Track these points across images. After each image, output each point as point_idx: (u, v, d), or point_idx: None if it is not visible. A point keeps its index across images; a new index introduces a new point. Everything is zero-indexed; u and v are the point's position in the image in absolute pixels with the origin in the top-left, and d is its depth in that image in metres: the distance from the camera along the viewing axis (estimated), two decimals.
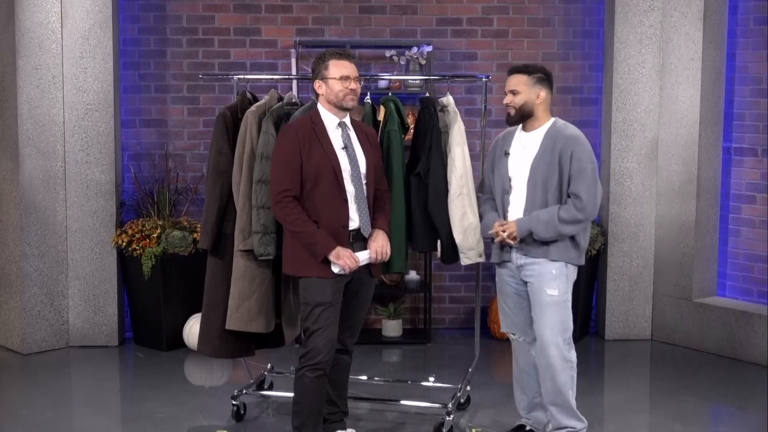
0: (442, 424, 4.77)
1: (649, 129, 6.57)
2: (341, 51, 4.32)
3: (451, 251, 5.05)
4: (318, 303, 4.18)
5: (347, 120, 4.34)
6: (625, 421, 5.11)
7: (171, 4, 6.69)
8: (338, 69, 4.24)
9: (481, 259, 5.06)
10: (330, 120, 4.29)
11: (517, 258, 4.40)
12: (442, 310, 6.98)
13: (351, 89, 4.24)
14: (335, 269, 4.16)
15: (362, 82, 4.45)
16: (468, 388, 5.24)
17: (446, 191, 5.00)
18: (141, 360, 6.22)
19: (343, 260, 4.12)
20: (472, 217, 4.99)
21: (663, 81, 6.53)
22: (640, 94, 6.54)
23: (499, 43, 6.85)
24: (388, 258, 4.35)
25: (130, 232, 6.26)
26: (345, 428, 4.54)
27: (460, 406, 5.16)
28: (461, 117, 5.09)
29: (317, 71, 4.29)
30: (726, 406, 5.52)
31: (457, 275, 6.92)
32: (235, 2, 6.73)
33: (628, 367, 6.20)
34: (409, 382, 5.51)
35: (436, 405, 5.01)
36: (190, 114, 6.78)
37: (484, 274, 6.80)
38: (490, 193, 4.56)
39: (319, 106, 4.33)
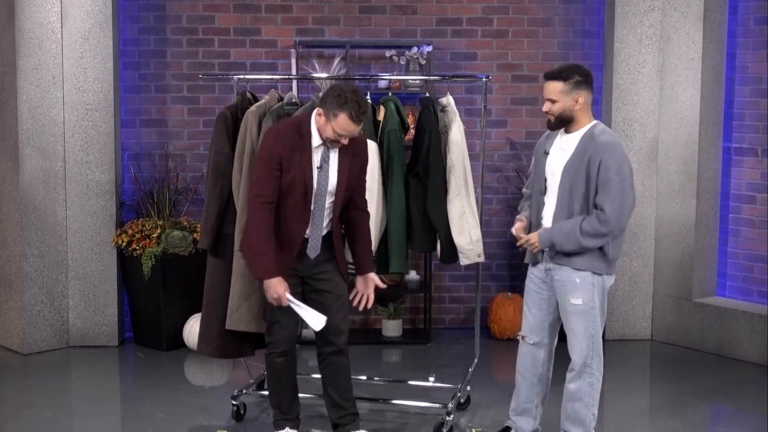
0: (442, 424, 4.77)
1: (649, 129, 6.57)
2: (359, 111, 4.12)
3: (450, 251, 5.05)
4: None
5: None
6: (625, 421, 5.12)
7: (171, 4, 6.69)
8: (344, 127, 4.14)
9: (480, 259, 5.05)
10: (316, 137, 4.26)
11: (546, 260, 4.33)
12: (442, 310, 6.98)
13: (342, 143, 4.21)
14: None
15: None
16: (468, 388, 5.24)
17: (445, 191, 5.00)
18: (141, 360, 6.22)
19: (271, 292, 4.21)
20: (471, 218, 4.99)
21: (663, 81, 6.53)
22: (640, 94, 6.54)
23: (499, 43, 6.85)
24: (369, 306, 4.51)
25: (130, 232, 6.27)
26: (358, 428, 4.53)
27: (460, 406, 5.16)
28: (461, 117, 5.09)
29: (329, 104, 4.13)
30: (726, 406, 5.52)
31: (457, 275, 6.92)
32: (235, 2, 6.73)
33: (628, 367, 6.20)
34: (409, 382, 5.51)
35: (436, 405, 5.01)
36: (190, 114, 6.78)
37: (484, 274, 6.80)
38: (531, 190, 4.48)
39: (312, 121, 4.26)
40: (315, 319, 4.26)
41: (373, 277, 4.50)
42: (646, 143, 6.57)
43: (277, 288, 4.18)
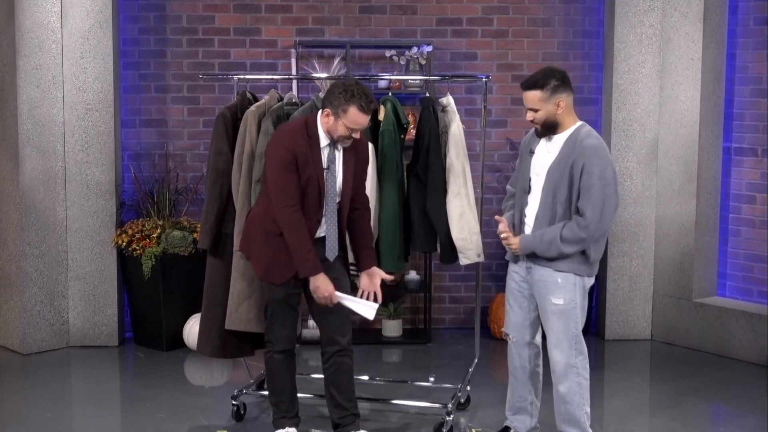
0: (442, 424, 4.77)
1: (649, 129, 6.57)
2: (368, 102, 4.15)
3: (450, 251, 5.05)
4: (270, 299, 4.39)
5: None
6: (624, 422, 5.12)
7: (171, 4, 6.69)
8: (356, 121, 4.16)
9: (480, 259, 5.05)
10: (323, 138, 4.28)
11: (526, 259, 4.33)
12: (442, 310, 6.98)
13: (354, 137, 4.24)
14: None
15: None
16: (468, 388, 5.24)
17: (444, 191, 5.00)
18: (141, 360, 6.22)
19: (321, 291, 4.23)
20: (471, 217, 4.99)
21: (663, 81, 6.53)
22: (640, 94, 6.54)
23: (499, 43, 6.85)
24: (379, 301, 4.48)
25: (130, 232, 6.27)
26: (359, 429, 4.52)
27: (460, 406, 5.16)
28: (461, 117, 5.09)
29: (335, 102, 4.16)
30: (726, 406, 5.52)
31: (457, 275, 6.92)
32: (235, 2, 6.73)
33: (628, 367, 6.20)
34: (409, 382, 5.51)
35: (436, 405, 5.02)
36: (190, 114, 6.78)
37: (484, 274, 6.80)
38: (515, 188, 4.47)
39: (318, 123, 4.28)
40: (367, 309, 4.29)
41: (378, 271, 4.48)
42: (646, 143, 6.57)
43: (328, 287, 4.22)
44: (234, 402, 5.00)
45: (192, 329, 6.18)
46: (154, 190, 6.52)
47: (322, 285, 4.22)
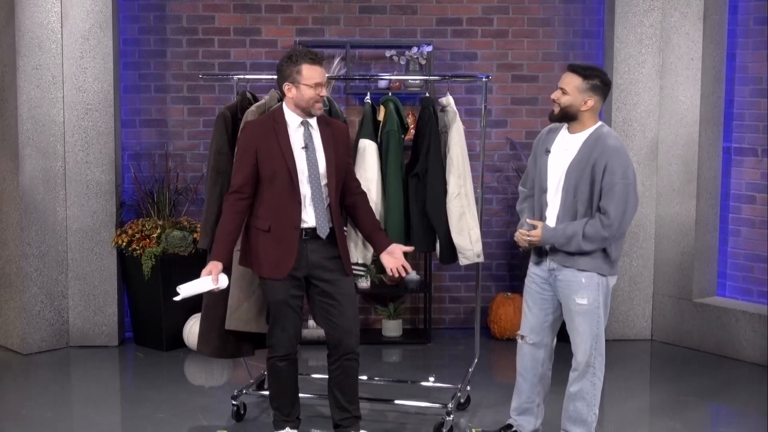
0: (442, 424, 4.77)
1: (649, 129, 6.57)
2: (313, 55, 4.24)
3: (450, 251, 5.05)
4: (272, 301, 4.34)
5: (312, 119, 4.32)
6: (624, 422, 5.12)
7: (171, 4, 6.70)
8: (312, 76, 4.20)
9: (480, 260, 5.05)
10: (293, 119, 4.29)
11: (550, 261, 4.33)
12: (442, 310, 6.98)
13: (322, 96, 4.24)
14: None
15: (332, 84, 4.43)
16: (468, 388, 5.24)
17: (444, 192, 5.00)
18: (141, 360, 6.22)
19: (204, 272, 4.25)
20: (470, 218, 4.99)
21: (663, 81, 6.53)
22: (640, 94, 6.54)
23: (499, 43, 6.85)
24: (407, 273, 4.46)
25: (130, 232, 6.27)
26: (359, 431, 4.52)
27: (460, 406, 5.16)
28: (461, 117, 5.09)
29: (287, 73, 4.23)
30: (726, 406, 5.52)
31: (457, 275, 6.92)
32: (235, 2, 6.73)
33: (628, 367, 6.20)
34: (409, 382, 5.51)
35: (436, 405, 5.02)
36: (190, 114, 6.78)
37: (484, 274, 6.80)
38: (531, 189, 4.45)
39: (284, 106, 4.32)
40: (206, 283, 4.25)
41: (398, 246, 4.44)
42: (646, 143, 6.57)
43: (212, 268, 4.25)
44: (234, 402, 5.00)
45: (192, 329, 6.19)
46: (154, 190, 6.52)
47: (210, 266, 4.24)
